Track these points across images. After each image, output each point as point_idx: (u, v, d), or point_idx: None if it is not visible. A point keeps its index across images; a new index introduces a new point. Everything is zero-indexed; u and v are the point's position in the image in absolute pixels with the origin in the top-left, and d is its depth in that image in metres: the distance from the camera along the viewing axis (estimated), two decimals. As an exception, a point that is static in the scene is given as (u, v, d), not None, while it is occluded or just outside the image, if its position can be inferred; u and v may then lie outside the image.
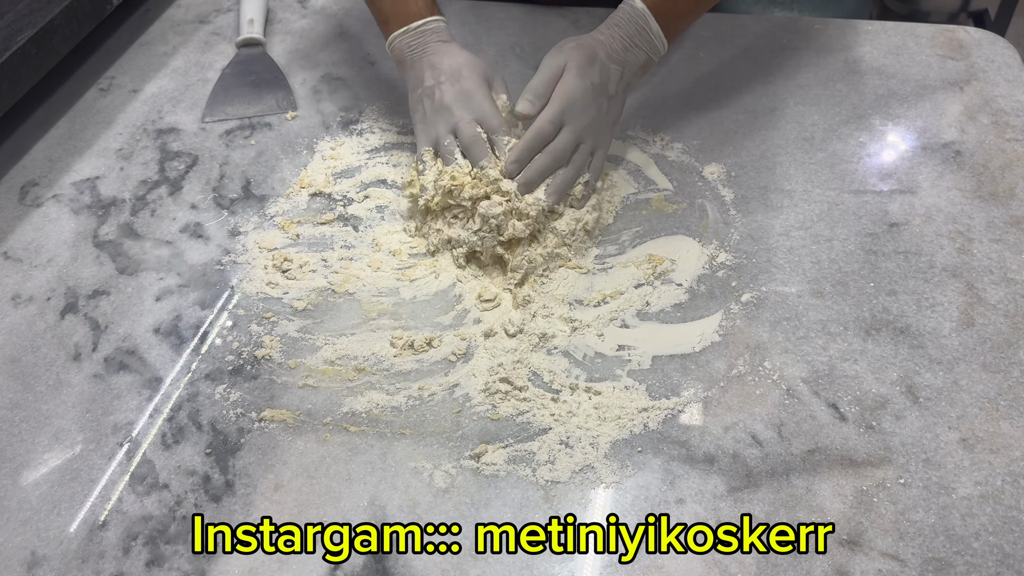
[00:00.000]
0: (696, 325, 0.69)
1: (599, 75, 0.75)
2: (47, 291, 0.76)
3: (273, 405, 0.65)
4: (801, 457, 0.59)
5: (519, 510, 0.58)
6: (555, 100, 0.74)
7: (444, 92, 0.77)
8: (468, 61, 0.79)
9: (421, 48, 0.80)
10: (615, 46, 0.76)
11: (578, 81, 0.74)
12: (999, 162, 0.80)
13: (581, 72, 0.74)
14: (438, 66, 0.78)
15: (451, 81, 0.77)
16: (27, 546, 0.58)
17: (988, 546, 0.54)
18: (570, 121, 0.74)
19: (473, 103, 0.77)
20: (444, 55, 0.79)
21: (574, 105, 0.74)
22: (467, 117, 0.76)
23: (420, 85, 0.79)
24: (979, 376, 0.63)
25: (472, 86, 0.77)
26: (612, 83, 0.76)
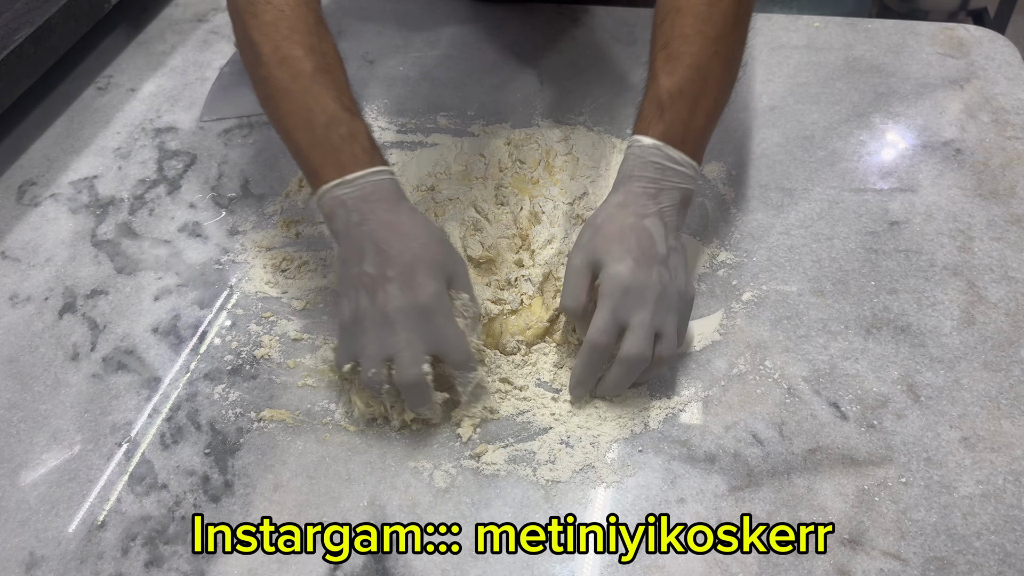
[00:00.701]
0: (697, 324, 0.68)
1: (640, 245, 0.61)
2: (45, 291, 0.75)
3: (272, 405, 0.65)
4: (802, 456, 0.59)
5: (519, 510, 0.58)
6: (604, 302, 0.60)
7: (390, 297, 0.59)
8: (424, 249, 0.61)
9: (361, 211, 0.62)
10: (641, 202, 0.63)
11: (621, 266, 0.60)
12: (999, 160, 0.79)
13: (618, 254, 0.61)
14: (385, 250, 0.60)
15: (401, 282, 0.59)
16: (25, 547, 0.58)
17: (990, 545, 0.54)
18: (632, 317, 0.60)
19: (430, 328, 0.59)
20: (392, 231, 0.61)
21: (627, 298, 0.60)
22: (416, 349, 0.59)
23: (357, 265, 0.61)
24: (980, 375, 0.63)
25: (429, 298, 0.59)
26: (659, 243, 0.62)
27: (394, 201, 0.63)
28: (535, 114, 0.90)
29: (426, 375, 0.59)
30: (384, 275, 0.60)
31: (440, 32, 1.03)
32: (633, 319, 0.60)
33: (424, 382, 0.59)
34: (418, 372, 0.59)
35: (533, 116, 0.90)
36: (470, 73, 0.96)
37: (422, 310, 0.59)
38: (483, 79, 0.95)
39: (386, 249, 0.60)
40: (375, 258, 0.60)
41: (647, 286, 0.60)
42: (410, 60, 0.99)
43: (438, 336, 0.60)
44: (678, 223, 0.64)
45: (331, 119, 0.64)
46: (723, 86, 0.67)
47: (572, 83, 0.93)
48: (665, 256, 0.62)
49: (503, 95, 0.93)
